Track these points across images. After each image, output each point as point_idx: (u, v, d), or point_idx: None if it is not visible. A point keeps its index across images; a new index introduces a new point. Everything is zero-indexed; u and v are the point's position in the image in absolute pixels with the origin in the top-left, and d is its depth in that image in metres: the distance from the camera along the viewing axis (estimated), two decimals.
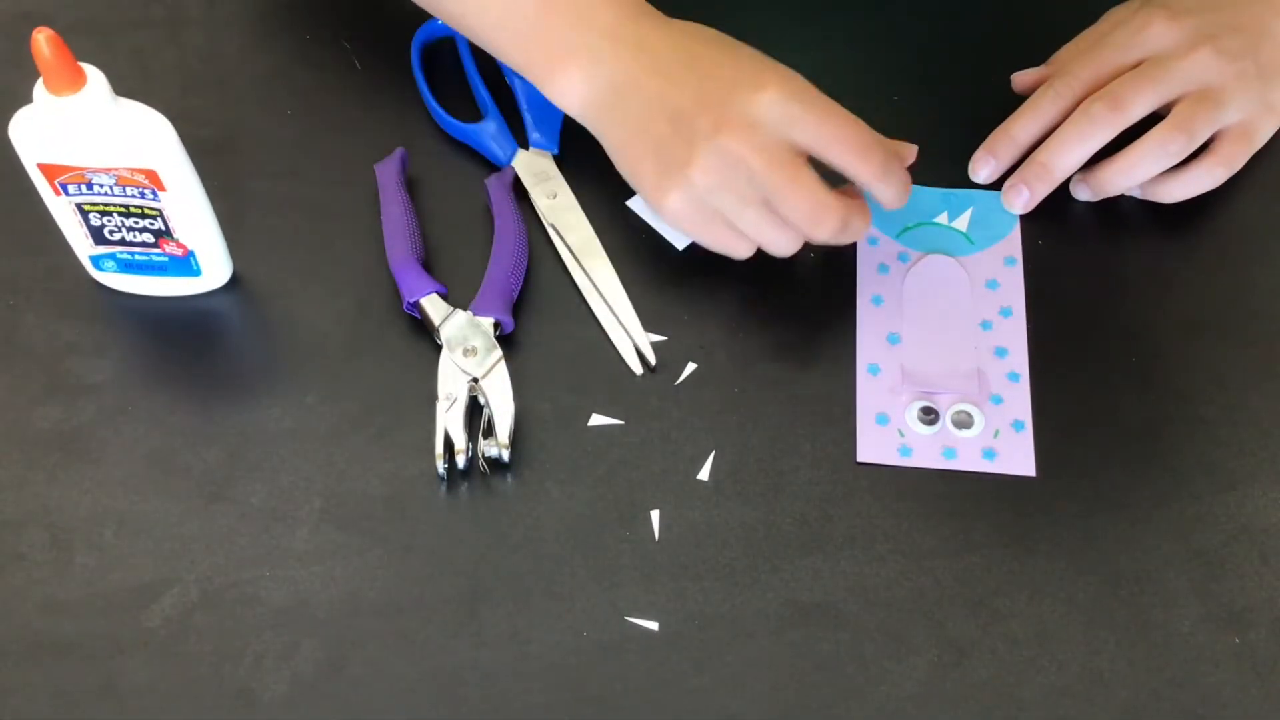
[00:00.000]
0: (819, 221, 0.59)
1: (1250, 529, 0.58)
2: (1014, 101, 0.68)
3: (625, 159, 0.62)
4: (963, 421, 0.61)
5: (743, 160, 0.58)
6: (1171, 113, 0.64)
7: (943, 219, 0.68)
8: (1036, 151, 0.66)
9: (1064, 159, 0.65)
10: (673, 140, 0.60)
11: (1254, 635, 0.55)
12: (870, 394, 0.62)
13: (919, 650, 0.55)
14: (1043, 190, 0.66)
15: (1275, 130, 0.67)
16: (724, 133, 0.58)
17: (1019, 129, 0.67)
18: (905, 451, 0.60)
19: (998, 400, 0.61)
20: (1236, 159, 0.65)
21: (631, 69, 0.61)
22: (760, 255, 0.66)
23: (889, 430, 0.61)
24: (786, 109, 0.59)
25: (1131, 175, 0.65)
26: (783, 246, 0.61)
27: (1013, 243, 0.67)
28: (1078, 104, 0.65)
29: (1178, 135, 0.63)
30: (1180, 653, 0.55)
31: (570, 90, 0.62)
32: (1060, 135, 0.65)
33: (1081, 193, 0.67)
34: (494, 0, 0.63)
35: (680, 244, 0.66)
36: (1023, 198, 0.66)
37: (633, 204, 0.68)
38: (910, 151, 0.64)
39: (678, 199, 0.60)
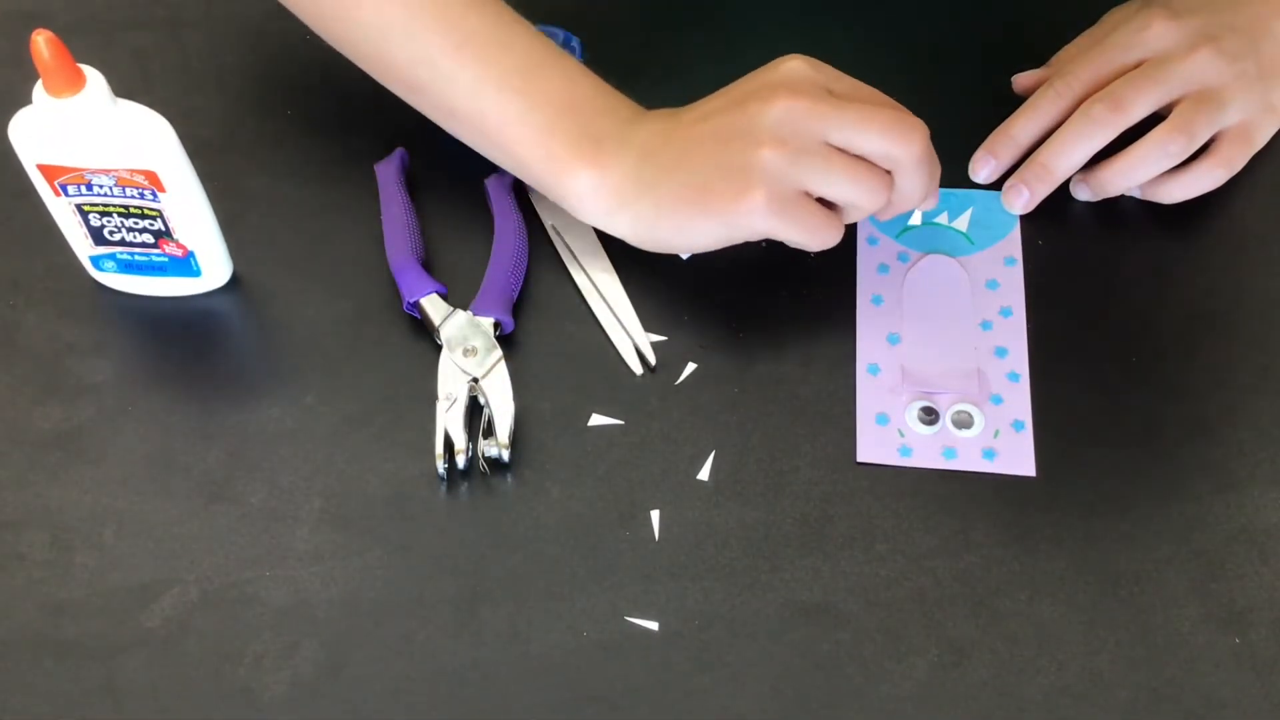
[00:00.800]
0: (909, 130, 0.58)
1: (1250, 529, 0.58)
2: (1014, 102, 0.68)
3: (686, 202, 0.59)
4: (963, 421, 0.61)
5: (809, 111, 0.58)
6: (1172, 114, 0.64)
7: (943, 219, 0.68)
8: (1037, 152, 0.66)
9: (1064, 160, 0.65)
10: (727, 148, 0.59)
11: (1254, 635, 0.55)
12: (870, 394, 0.62)
13: (919, 650, 0.55)
14: (1043, 191, 0.66)
15: (1275, 131, 0.67)
16: (777, 101, 0.58)
17: (1019, 129, 0.67)
18: (905, 451, 0.60)
19: (998, 400, 0.61)
20: (1237, 160, 0.65)
21: (654, 132, 0.61)
22: (760, 257, 0.66)
23: (889, 430, 0.61)
24: (817, 68, 0.60)
25: (1132, 176, 0.65)
26: (875, 193, 0.59)
27: (1013, 243, 0.67)
28: (1078, 104, 0.65)
29: (1178, 136, 0.63)
30: (1180, 653, 0.55)
31: (599, 182, 0.61)
32: (1060, 136, 0.65)
33: (1081, 193, 0.67)
34: (513, 97, 0.61)
35: (685, 253, 0.66)
36: (1023, 198, 0.66)
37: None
38: None
39: (760, 194, 0.57)
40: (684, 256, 0.66)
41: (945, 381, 0.62)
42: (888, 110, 0.59)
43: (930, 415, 0.61)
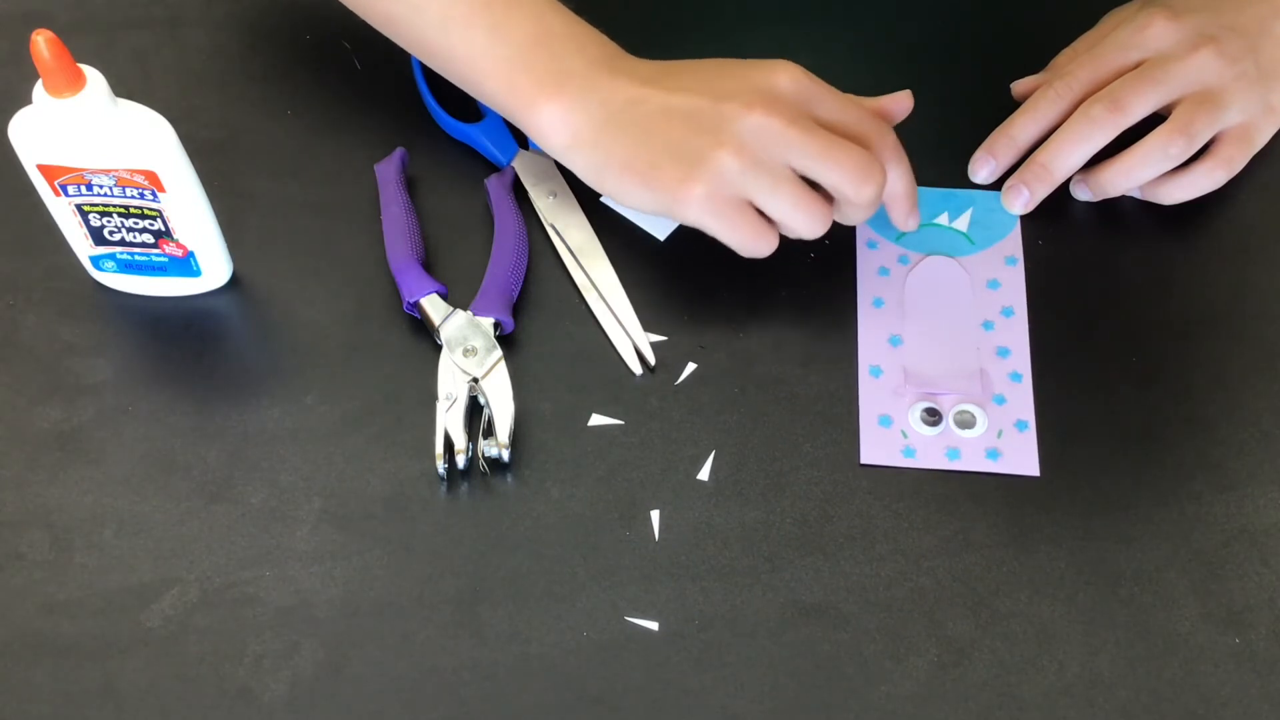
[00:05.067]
0: (867, 177, 0.59)
1: (1250, 529, 0.58)
2: (1015, 103, 0.69)
3: (636, 172, 0.60)
4: (965, 422, 0.61)
5: (781, 132, 0.58)
6: (1172, 115, 0.64)
7: (943, 219, 0.68)
8: (1036, 152, 0.66)
9: (1064, 160, 0.65)
10: (691, 136, 0.59)
11: (1254, 635, 0.55)
12: (873, 396, 0.62)
13: (919, 650, 0.55)
14: (1042, 191, 0.66)
15: (1276, 132, 0.67)
16: (754, 111, 0.58)
17: (1019, 130, 0.67)
18: (909, 453, 0.60)
19: (1000, 400, 0.61)
20: (1237, 161, 0.65)
21: (629, 89, 0.61)
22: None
23: (892, 432, 0.61)
24: (808, 84, 0.60)
25: (1132, 177, 0.65)
26: (815, 223, 0.60)
27: (1013, 243, 0.67)
28: (1077, 105, 0.65)
29: (1178, 138, 0.63)
30: (1180, 653, 0.55)
31: (560, 119, 0.61)
32: (1060, 136, 0.65)
33: (1082, 193, 0.67)
34: (479, 32, 0.62)
35: (662, 234, 0.66)
36: (1022, 198, 0.66)
37: (610, 199, 0.68)
38: (906, 98, 0.64)
39: (703, 191, 0.59)
40: (660, 237, 0.66)
41: (948, 382, 0.62)
42: (852, 152, 0.59)
43: (933, 416, 0.61)
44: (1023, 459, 0.60)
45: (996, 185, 0.67)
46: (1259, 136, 0.66)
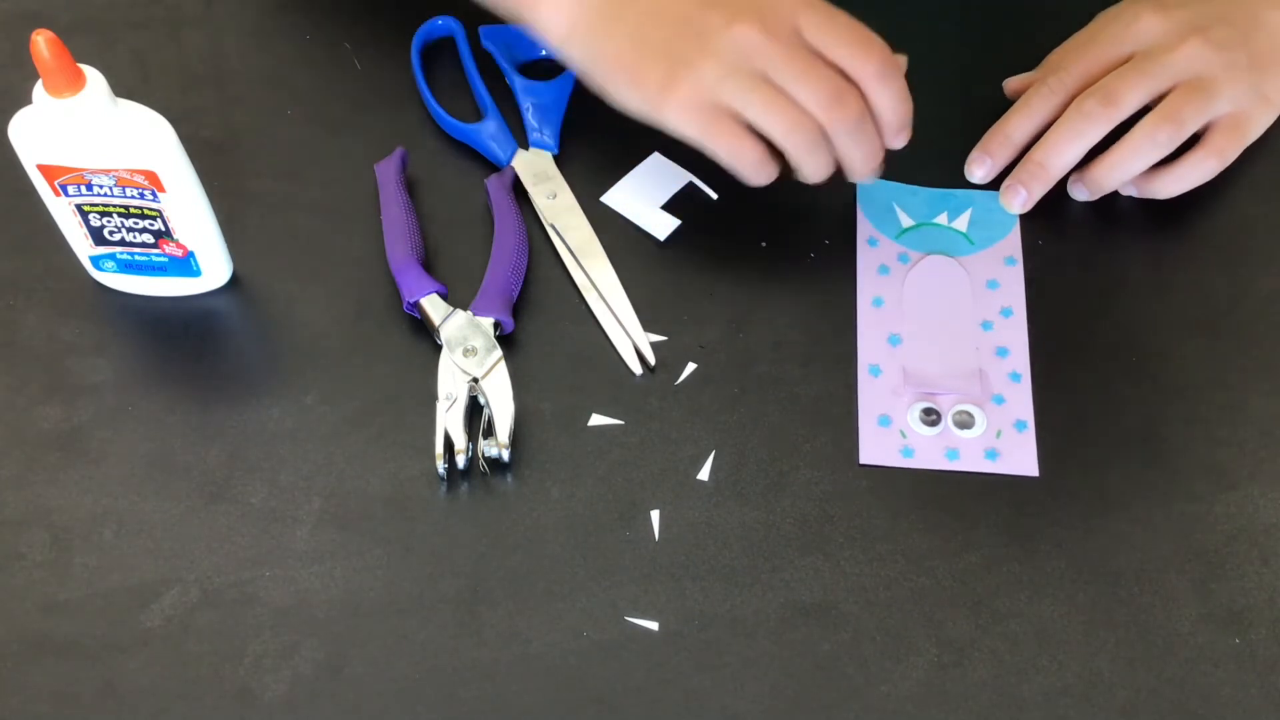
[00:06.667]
0: (836, 102, 0.59)
1: (1250, 529, 0.58)
2: (1011, 102, 0.68)
3: (624, 69, 0.61)
4: (964, 422, 0.61)
5: (759, 48, 0.59)
6: (1160, 104, 0.64)
7: (942, 219, 0.68)
8: (1031, 151, 0.66)
9: (1059, 157, 0.65)
10: (678, 41, 0.60)
11: (1254, 635, 0.55)
12: (872, 395, 0.62)
13: (919, 650, 0.55)
14: (1040, 190, 0.66)
15: (1269, 122, 0.66)
16: (737, 23, 0.59)
17: (1014, 128, 0.67)
18: (907, 453, 0.60)
19: (999, 400, 0.61)
20: (1228, 150, 0.65)
21: None
22: (761, 257, 0.66)
23: (891, 432, 0.60)
24: (804, 4, 0.60)
25: (1125, 169, 0.65)
26: (792, 130, 0.60)
27: (1013, 242, 0.67)
28: (1071, 100, 0.65)
29: (1165, 125, 0.63)
30: (1180, 653, 0.55)
31: (558, 11, 0.62)
32: (1054, 133, 0.65)
33: (1079, 193, 0.67)
34: None
35: (662, 234, 0.66)
36: (1020, 198, 0.66)
37: (610, 199, 0.68)
38: (901, 60, 0.63)
39: (683, 95, 0.59)
40: (660, 237, 0.66)
41: (947, 382, 0.62)
42: (826, 76, 0.59)
43: (932, 416, 0.61)
44: (1022, 459, 0.60)
45: (995, 185, 0.67)
46: (1252, 126, 0.65)
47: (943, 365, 0.63)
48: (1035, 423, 0.61)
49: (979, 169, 0.67)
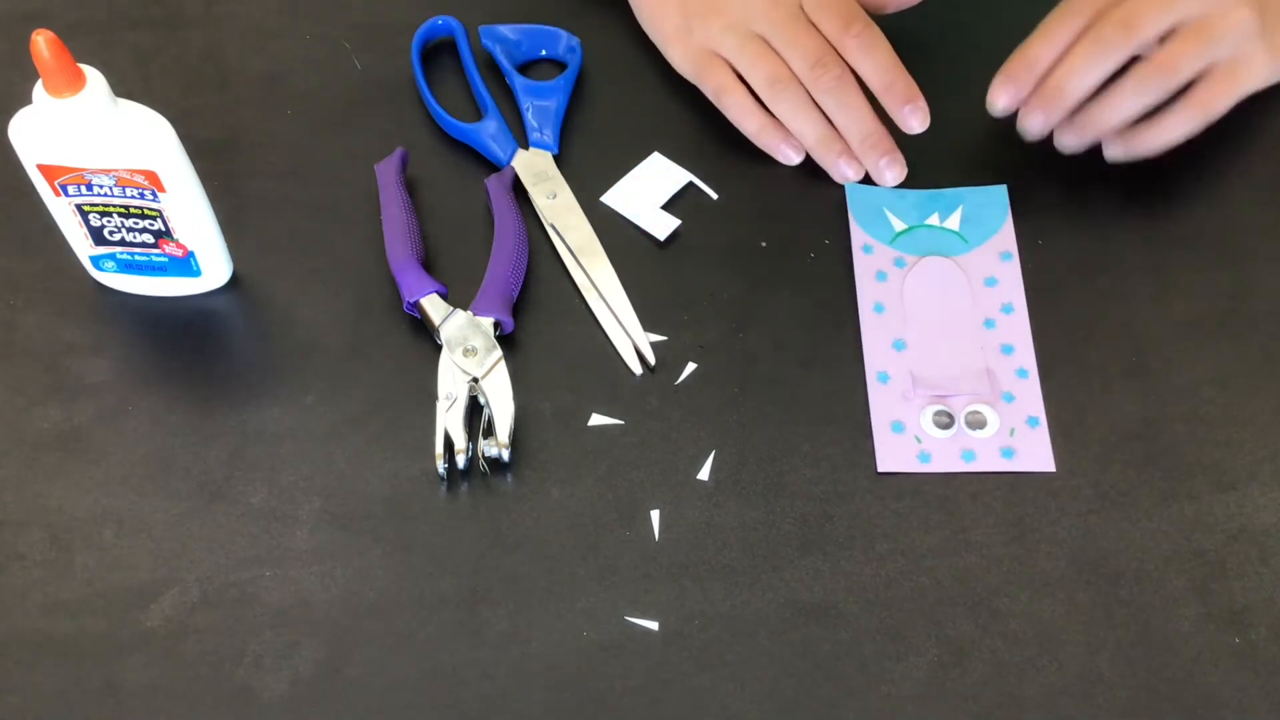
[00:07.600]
0: (818, 63, 0.67)
1: (1250, 529, 0.58)
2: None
3: (650, 11, 0.73)
4: (977, 422, 0.60)
5: (761, 13, 0.68)
6: (1159, 49, 0.63)
7: (934, 220, 0.67)
8: (1049, 76, 0.65)
9: (1077, 81, 0.64)
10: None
11: (1254, 635, 0.55)
12: (883, 402, 0.61)
13: (919, 650, 0.55)
14: (1058, 114, 0.65)
15: (1270, 79, 0.65)
16: None
17: (1035, 52, 0.65)
18: (924, 458, 0.60)
19: (1009, 398, 0.61)
20: (1215, 103, 0.64)
21: None
22: (760, 257, 0.66)
23: (906, 438, 0.60)
24: None
25: (1112, 112, 0.64)
26: (777, 86, 0.68)
27: (1006, 237, 0.66)
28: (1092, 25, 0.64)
29: (1157, 70, 0.63)
30: (1180, 653, 0.55)
31: None
32: (1072, 58, 0.64)
33: (1068, 140, 0.66)
34: None
35: (662, 234, 0.66)
36: (1039, 121, 0.65)
37: (610, 199, 0.68)
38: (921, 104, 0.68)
39: (688, 41, 0.70)
40: (660, 237, 0.66)
41: (956, 383, 0.62)
42: (812, 39, 0.67)
43: (944, 418, 0.61)
44: (1038, 455, 0.60)
45: (984, 180, 0.67)
46: (1247, 77, 0.64)
47: (950, 367, 0.62)
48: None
49: (1002, 96, 0.66)
